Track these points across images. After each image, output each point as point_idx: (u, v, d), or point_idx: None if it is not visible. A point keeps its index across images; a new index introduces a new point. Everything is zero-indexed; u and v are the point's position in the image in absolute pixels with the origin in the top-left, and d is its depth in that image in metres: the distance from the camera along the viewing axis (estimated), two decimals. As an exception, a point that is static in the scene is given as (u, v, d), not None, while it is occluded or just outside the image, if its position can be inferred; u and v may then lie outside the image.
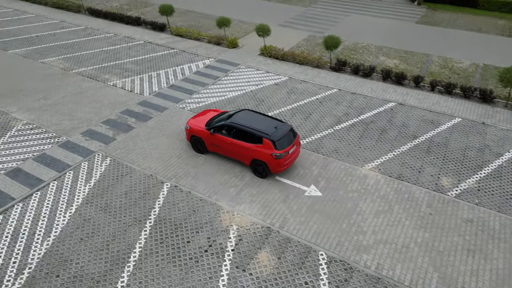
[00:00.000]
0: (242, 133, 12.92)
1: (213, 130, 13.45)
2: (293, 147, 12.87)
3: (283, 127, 12.87)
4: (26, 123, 15.71)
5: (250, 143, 12.76)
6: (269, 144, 12.37)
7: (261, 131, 12.58)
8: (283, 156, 12.38)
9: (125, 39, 24.80)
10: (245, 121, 13.10)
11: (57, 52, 22.47)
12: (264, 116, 13.57)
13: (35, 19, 27.96)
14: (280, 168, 12.53)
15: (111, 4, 32.05)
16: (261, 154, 12.51)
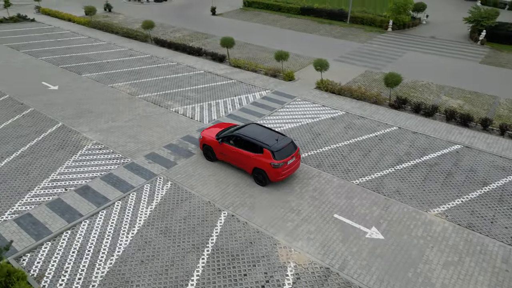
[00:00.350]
0: (246, 143, 14.23)
1: (221, 140, 14.84)
2: (292, 158, 13.88)
3: (284, 140, 14.06)
4: (95, 143, 16.74)
5: (252, 152, 13.99)
6: (268, 154, 13.55)
7: (262, 142, 13.84)
8: (281, 166, 13.50)
9: (187, 68, 26.11)
10: (250, 133, 14.44)
11: (125, 77, 24.08)
12: (268, 130, 14.77)
13: (107, 46, 30.37)
14: (278, 177, 13.63)
15: (174, 35, 34.14)
16: (261, 163, 13.69)
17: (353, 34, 35.51)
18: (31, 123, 18.28)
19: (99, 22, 35.41)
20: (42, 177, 14.35)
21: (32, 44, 30.06)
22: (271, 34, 35.43)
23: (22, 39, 31.24)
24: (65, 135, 17.32)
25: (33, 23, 36.42)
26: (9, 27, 34.71)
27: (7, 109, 19.55)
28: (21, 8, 41.79)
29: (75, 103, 20.40)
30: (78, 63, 26.39)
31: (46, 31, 34.05)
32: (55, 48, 29.38)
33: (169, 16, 41.38)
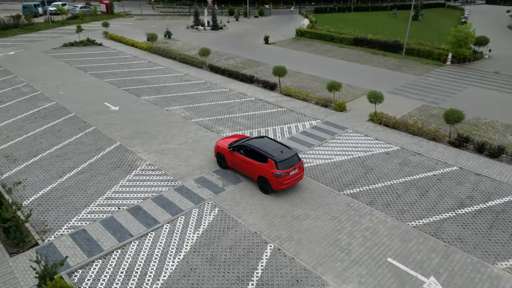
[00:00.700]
0: (253, 153, 15.33)
1: (232, 149, 16.12)
2: (295, 170, 14.75)
3: (288, 152, 15.02)
4: (149, 164, 17.31)
5: (258, 161, 15.05)
6: (272, 164, 14.53)
7: (267, 153, 14.89)
8: (283, 175, 14.41)
9: (239, 94, 26.65)
10: (258, 144, 15.58)
11: (180, 101, 25.03)
12: (276, 143, 15.82)
13: (165, 70, 31.99)
14: (280, 186, 14.58)
15: (228, 62, 35.25)
16: (265, 171, 14.71)
17: (409, 66, 34.53)
18: (92, 141, 19.39)
19: (159, 48, 37.58)
20: (98, 194, 14.98)
21: (97, 67, 32.43)
22: (323, 63, 35.45)
23: (90, 62, 33.84)
24: (121, 154, 18.12)
25: (100, 47, 39.47)
26: (79, 50, 37.86)
27: (72, 126, 20.95)
28: (91, 33, 45.60)
29: (133, 124, 21.42)
30: (138, 86, 27.95)
31: (111, 54, 36.68)
32: (118, 71, 31.43)
33: (224, 44, 43.02)
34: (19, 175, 16.15)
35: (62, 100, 24.66)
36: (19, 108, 23.18)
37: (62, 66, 32.24)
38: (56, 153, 18.08)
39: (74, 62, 33.64)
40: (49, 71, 30.76)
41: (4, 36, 43.47)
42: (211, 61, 34.51)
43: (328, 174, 16.70)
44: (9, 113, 22.34)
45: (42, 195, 14.84)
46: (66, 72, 30.50)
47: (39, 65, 32.46)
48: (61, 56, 35.35)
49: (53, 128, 20.65)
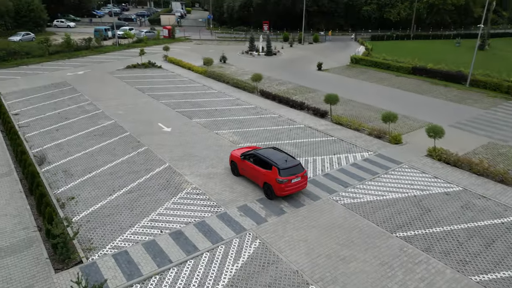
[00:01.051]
0: (260, 161, 16.66)
1: (243, 157, 17.59)
2: (297, 178, 15.83)
3: (292, 162, 16.21)
4: (194, 187, 17.34)
5: (264, 169, 16.31)
6: (276, 171, 15.70)
7: (272, 161, 16.14)
8: (285, 182, 15.51)
9: (288, 121, 26.32)
10: (266, 153, 16.94)
11: (229, 125, 25.23)
12: (282, 153, 17.11)
13: (217, 94, 32.72)
14: (282, 192, 15.68)
15: (279, 88, 35.30)
16: (269, 178, 15.90)
17: (473, 99, 32.16)
18: (143, 160, 19.98)
19: (213, 72, 38.74)
20: (144, 215, 15.16)
21: (155, 88, 34.01)
22: (378, 92, 34.21)
23: (149, 83, 35.65)
24: (169, 176, 18.40)
25: (159, 70, 41.60)
26: (140, 72, 40.16)
27: (126, 145, 21.82)
28: (153, 56, 48.41)
29: (183, 146, 21.83)
30: (191, 108, 28.75)
31: (169, 77, 38.43)
32: (174, 93, 32.70)
33: (276, 70, 43.36)
34: (73, 190, 16.93)
35: (120, 119, 25.96)
36: (81, 125, 24.73)
37: (124, 87, 34.25)
38: (109, 170, 18.81)
39: (135, 83, 35.62)
40: (112, 91, 32.79)
41: (76, 56, 47.53)
42: (262, 86, 34.77)
43: (379, 213, 15.55)
44: (72, 130, 23.88)
45: (92, 211, 15.34)
46: (127, 93, 32.30)
47: (103, 85, 34.79)
48: (124, 77, 37.68)
49: (109, 146, 21.65)
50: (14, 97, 30.46)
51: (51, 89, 33.00)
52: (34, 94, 31.36)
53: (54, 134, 23.06)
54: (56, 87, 33.67)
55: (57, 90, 32.72)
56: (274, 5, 73.72)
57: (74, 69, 41.25)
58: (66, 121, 25.38)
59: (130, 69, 41.33)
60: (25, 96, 30.75)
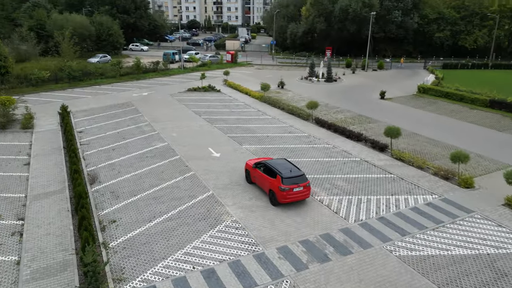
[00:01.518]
0: (268, 170, 17.97)
1: (254, 166, 19.11)
2: (299, 187, 16.96)
3: (296, 172, 17.38)
4: (234, 221, 16.46)
5: (270, 177, 17.59)
6: (279, 179, 16.93)
7: (278, 170, 17.39)
8: (286, 190, 16.71)
9: (342, 153, 24.64)
10: (274, 163, 18.19)
11: (279, 154, 24.25)
12: (290, 164, 18.24)
13: (271, 120, 32.09)
14: (284, 199, 16.95)
15: (336, 116, 33.71)
16: (274, 185, 17.20)
17: None
18: (187, 186, 19.68)
19: (269, 97, 38.39)
20: (179, 247, 14.55)
21: (211, 112, 34.40)
22: (447, 126, 31.04)
23: (206, 107, 36.23)
24: (211, 205, 17.78)
25: (218, 93, 42.36)
26: (199, 95, 41.19)
27: (174, 169, 21.81)
28: (213, 79, 49.73)
29: (229, 173, 21.24)
30: (242, 133, 28.36)
31: (225, 101, 38.84)
32: (228, 117, 32.73)
33: (335, 96, 41.83)
34: (116, 213, 16.99)
35: (173, 141, 26.32)
36: (136, 145, 25.44)
37: (182, 109, 35.16)
38: (154, 194, 18.74)
39: (193, 106, 36.45)
40: (170, 113, 33.78)
41: (143, 78, 50.47)
42: (318, 113, 33.48)
43: (442, 272, 13.27)
44: (126, 150, 24.63)
45: (130, 238, 15.11)
46: (183, 115, 33.01)
47: (163, 106, 36.08)
48: (183, 100, 38.84)
49: (158, 169, 21.80)
50: (82, 115, 32.69)
51: (115, 109, 34.95)
52: (100, 113, 33.40)
53: (110, 154, 23.92)
54: (121, 107, 35.61)
55: (120, 110, 34.55)
56: (338, 31, 72.67)
57: (139, 90, 43.65)
58: (123, 140, 26.34)
59: (190, 92, 42.63)
60: (92, 114, 32.85)
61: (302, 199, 17.71)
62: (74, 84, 44.57)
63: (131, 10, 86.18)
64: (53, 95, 40.15)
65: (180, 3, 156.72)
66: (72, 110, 33.58)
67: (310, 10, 75.95)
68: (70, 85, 44.22)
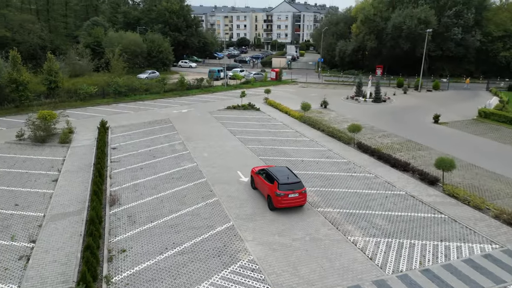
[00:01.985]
0: (268, 176, 18.90)
1: (257, 172, 20.12)
2: (294, 194, 17.80)
3: (293, 179, 18.28)
4: (251, 260, 14.67)
5: (269, 183, 18.51)
6: (276, 185, 17.93)
7: (276, 176, 18.36)
8: (281, 196, 17.69)
9: (385, 184, 21.96)
10: (274, 170, 19.12)
11: (312, 182, 22.17)
12: (289, 171, 19.17)
13: (308, 143, 30.06)
14: (279, 204, 17.89)
15: (382, 141, 30.85)
16: (271, 190, 18.14)
17: None
18: (208, 215, 18.27)
19: (310, 117, 36.42)
20: (184, 288, 13.06)
21: (247, 131, 33.15)
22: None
23: (242, 126, 35.10)
24: (228, 239, 16.16)
25: (257, 112, 41.17)
26: (238, 114, 40.27)
27: (198, 193, 20.58)
28: (255, 97, 48.81)
29: (254, 201, 19.54)
30: (276, 156, 26.65)
31: (263, 120, 37.48)
32: (264, 138, 31.24)
33: (382, 119, 38.78)
34: (129, 241, 15.95)
35: (203, 162, 25.29)
36: (164, 165, 24.72)
37: (217, 128, 34.33)
38: (171, 222, 17.54)
39: (229, 124, 35.51)
40: (205, 131, 33.06)
41: (186, 95, 50.87)
42: (362, 137, 30.87)
43: None
44: (154, 170, 23.95)
45: (136, 272, 13.90)
46: (218, 134, 32.08)
47: (200, 124, 35.53)
48: (221, 118, 38.10)
49: (181, 192, 20.71)
50: (120, 130, 32.99)
51: (153, 125, 34.97)
52: (137, 129, 33.54)
53: (137, 173, 23.35)
54: (159, 123, 35.61)
55: (158, 126, 34.48)
56: (390, 48, 69.01)
57: (180, 107, 43.79)
58: (153, 159, 25.79)
59: (229, 110, 41.90)
60: (129, 130, 33.05)
61: (297, 205, 18.42)
62: (119, 99, 45.90)
63: (183, 28, 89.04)
64: (98, 109, 41.46)
65: (232, 22, 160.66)
66: (112, 126, 34.09)
67: (361, 27, 73.23)
68: (116, 100, 45.58)
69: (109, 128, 32.82)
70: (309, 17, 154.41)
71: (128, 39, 67.75)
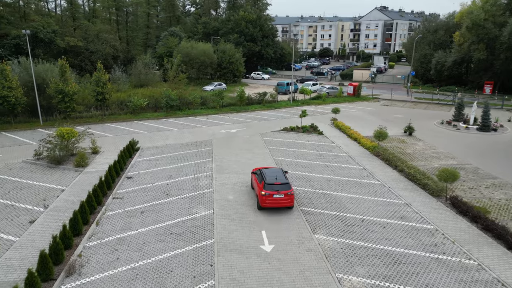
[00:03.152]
0: (259, 176, 19.41)
1: (253, 172, 20.86)
2: (279, 194, 17.89)
3: (281, 180, 18.42)
4: None
5: (259, 182, 18.88)
6: (263, 184, 18.23)
7: (264, 176, 18.74)
8: (266, 195, 17.89)
9: (494, 283, 12.92)
10: (267, 171, 19.45)
11: (372, 261, 14.21)
12: (281, 173, 19.36)
13: (377, 189, 21.67)
14: (263, 204, 18.09)
15: (491, 195, 20.91)
16: (259, 190, 18.42)
17: None
18: (186, 315, 11.72)
19: (385, 149, 27.67)
20: None
21: (296, 164, 25.91)
22: None
23: (293, 155, 27.94)
24: None
25: (318, 137, 33.52)
26: (294, 138, 33.15)
27: (189, 269, 14.15)
28: (321, 117, 41.17)
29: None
30: (324, 209, 19.04)
31: (323, 149, 29.76)
32: (316, 176, 23.70)
33: (492, 157, 28.05)
34: None
35: (221, 209, 18.95)
36: (172, 210, 18.97)
37: (261, 156, 27.74)
38: (128, 321, 11.40)
39: (278, 152, 28.68)
40: (244, 160, 26.74)
41: (245, 111, 45.35)
42: (459, 186, 21.44)
43: None
44: (156, 216, 18.31)
45: None
46: (259, 165, 25.41)
47: (242, 150, 29.36)
48: (271, 142, 31.47)
49: (170, 262, 14.55)
50: (149, 153, 28.46)
51: (189, 148, 29.85)
52: (169, 152, 28.68)
53: (132, 220, 17.94)
54: (197, 146, 30.39)
55: (194, 150, 29.24)
56: (505, 61, 54.90)
57: (231, 125, 38.28)
58: (163, 199, 20.25)
59: (285, 132, 35.00)
60: (160, 154, 28.31)
61: (283, 206, 18.31)
62: (171, 114, 42.28)
63: (258, 38, 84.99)
64: (144, 124, 38.03)
65: (316, 31, 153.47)
66: (145, 146, 29.87)
67: (466, 35, 60.22)
68: (167, 114, 42.04)
69: (138, 150, 28.57)
70: (403, 25, 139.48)
71: (198, 49, 65.43)
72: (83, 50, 56.26)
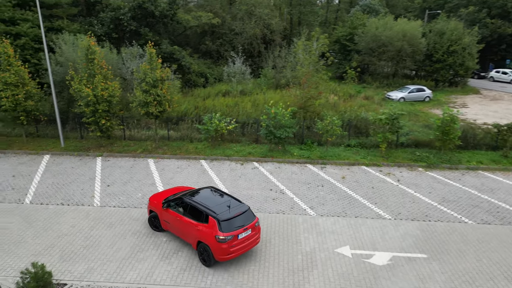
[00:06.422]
0: (191, 209, 11.33)
1: (166, 205, 11.97)
2: (246, 231, 10.77)
3: (238, 208, 11.09)
4: None
5: (197, 221, 11.01)
6: (214, 223, 10.55)
7: (208, 208, 10.95)
8: (228, 240, 10.38)
9: None
10: (200, 198, 11.65)
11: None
12: (225, 195, 11.85)
13: None
14: (225, 255, 10.45)
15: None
16: (206, 235, 10.64)
17: None
18: None
19: None
20: None
21: None
22: None
23: None
24: None
25: None
26: None
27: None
28: None
29: None
30: None
31: None
32: None
33: None
34: None
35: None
36: None
37: None
38: None
39: None
40: None
41: (456, 166, 19.29)
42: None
43: None
44: None
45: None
46: None
47: None
48: None
49: None
50: None
51: None
52: None
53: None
54: None
55: None
56: None
57: (395, 229, 14.28)
58: None
59: None
60: None
61: (251, 249, 11.18)
62: (278, 154, 21.45)
63: (516, 11, 50.12)
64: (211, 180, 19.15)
65: None
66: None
67: None
68: (275, 153, 21.44)
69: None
70: None
71: (394, 29, 40.41)
72: (225, 31, 41.41)
